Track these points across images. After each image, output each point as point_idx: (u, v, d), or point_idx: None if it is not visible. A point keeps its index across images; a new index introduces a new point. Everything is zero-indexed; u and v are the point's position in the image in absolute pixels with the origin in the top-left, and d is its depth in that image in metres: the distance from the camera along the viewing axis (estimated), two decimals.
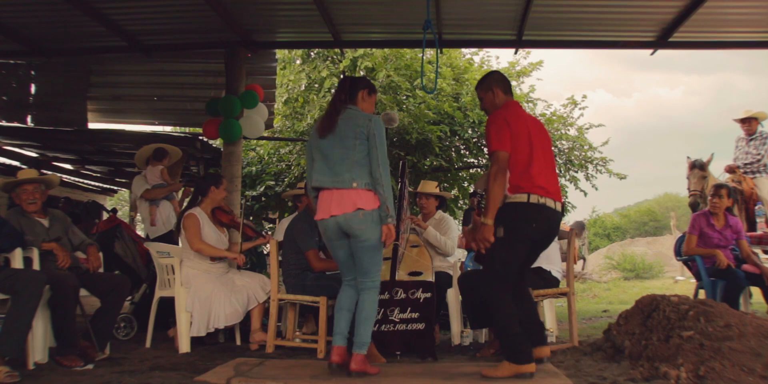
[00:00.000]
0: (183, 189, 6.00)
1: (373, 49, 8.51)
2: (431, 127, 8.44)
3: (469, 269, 4.52)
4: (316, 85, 9.02)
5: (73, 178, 9.84)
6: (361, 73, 8.48)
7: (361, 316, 3.17)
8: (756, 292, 4.89)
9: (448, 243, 4.62)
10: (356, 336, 3.14)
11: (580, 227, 14.89)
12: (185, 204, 4.81)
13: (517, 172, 3.14)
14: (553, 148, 3.23)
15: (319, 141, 3.26)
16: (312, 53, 9.28)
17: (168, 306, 4.10)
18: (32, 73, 7.23)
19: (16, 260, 3.49)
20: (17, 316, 3.13)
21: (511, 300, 3.12)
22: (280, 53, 9.17)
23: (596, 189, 10.33)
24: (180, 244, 4.28)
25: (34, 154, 8.45)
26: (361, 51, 8.47)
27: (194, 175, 8.67)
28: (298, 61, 9.50)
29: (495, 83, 3.37)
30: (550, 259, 4.08)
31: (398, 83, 8.49)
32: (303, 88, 9.10)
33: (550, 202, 3.14)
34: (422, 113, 8.42)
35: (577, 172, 10.02)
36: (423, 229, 4.63)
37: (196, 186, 4.54)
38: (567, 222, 14.69)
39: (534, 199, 3.10)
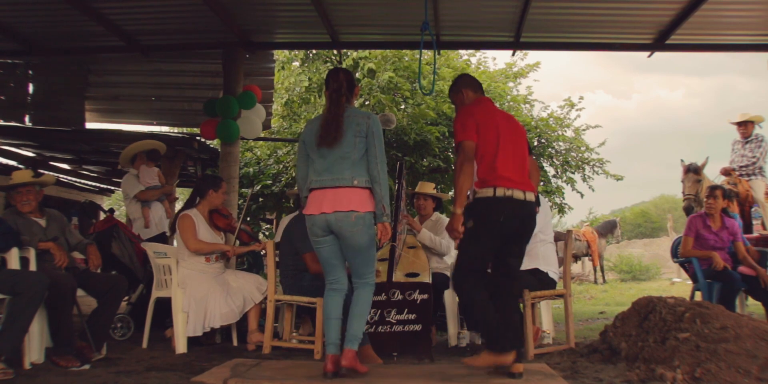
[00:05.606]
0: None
1: (373, 50, 8.51)
2: (429, 127, 8.44)
3: None
4: (316, 87, 9.02)
5: (70, 177, 9.83)
6: (363, 74, 8.48)
7: (354, 311, 3.14)
8: None
9: (443, 243, 4.63)
10: (348, 331, 3.10)
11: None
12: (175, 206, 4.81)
13: (484, 165, 3.12)
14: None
15: (317, 143, 3.20)
16: (311, 54, 9.28)
17: (165, 306, 4.10)
18: (30, 72, 7.21)
19: (13, 260, 3.47)
20: (17, 317, 3.13)
21: (482, 290, 3.06)
22: (279, 54, 9.18)
23: (593, 190, 10.37)
24: (175, 244, 4.27)
25: (31, 154, 8.43)
26: (364, 53, 8.46)
27: (192, 176, 8.66)
28: (296, 63, 9.49)
29: (463, 85, 3.42)
30: (548, 261, 4.09)
31: (398, 84, 8.49)
32: (303, 89, 9.09)
33: (518, 194, 3.08)
34: (422, 113, 8.41)
35: (573, 173, 10.05)
36: (417, 232, 4.63)
37: (194, 187, 4.53)
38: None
39: (500, 192, 3.06)
